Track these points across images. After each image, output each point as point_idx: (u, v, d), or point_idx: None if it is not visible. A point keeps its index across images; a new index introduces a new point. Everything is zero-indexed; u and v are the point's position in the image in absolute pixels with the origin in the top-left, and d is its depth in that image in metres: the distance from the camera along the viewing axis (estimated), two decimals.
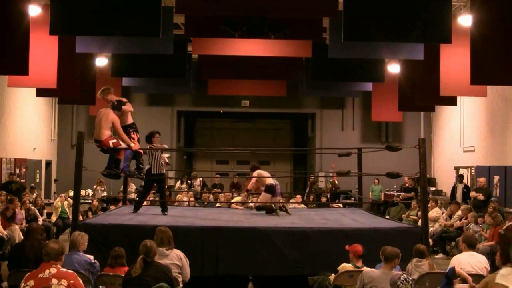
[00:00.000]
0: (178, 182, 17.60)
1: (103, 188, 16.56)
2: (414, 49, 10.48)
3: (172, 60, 12.12)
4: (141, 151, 8.87)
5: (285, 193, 17.93)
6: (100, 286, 6.24)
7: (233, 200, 12.71)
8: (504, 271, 3.51)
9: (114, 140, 8.19)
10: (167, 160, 10.25)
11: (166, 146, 10.30)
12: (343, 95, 18.52)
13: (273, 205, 9.79)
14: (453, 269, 5.78)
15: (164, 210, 9.53)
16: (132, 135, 8.65)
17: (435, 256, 11.49)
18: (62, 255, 4.88)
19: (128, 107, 8.68)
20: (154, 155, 9.21)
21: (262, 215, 9.81)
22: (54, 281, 4.65)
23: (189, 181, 17.34)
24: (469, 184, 15.06)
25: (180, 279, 6.21)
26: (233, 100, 19.53)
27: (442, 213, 13.03)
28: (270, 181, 9.98)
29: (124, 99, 8.78)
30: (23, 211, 11.77)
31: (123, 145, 8.32)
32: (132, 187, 13.72)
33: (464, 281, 5.88)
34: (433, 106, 14.85)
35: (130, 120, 8.79)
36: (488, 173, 14.27)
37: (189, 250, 6.76)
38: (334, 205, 14.36)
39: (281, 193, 11.32)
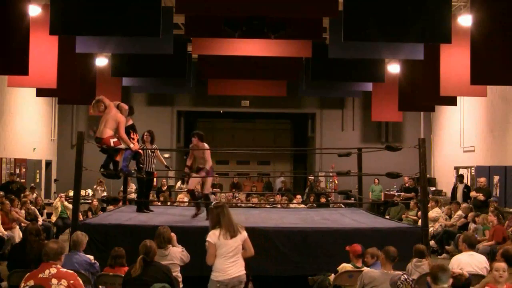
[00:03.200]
0: (179, 182, 17.60)
1: (103, 188, 16.56)
2: (414, 49, 10.48)
3: (172, 60, 12.12)
4: (140, 151, 8.87)
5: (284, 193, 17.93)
6: (100, 286, 6.24)
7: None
8: (211, 232, 5.58)
9: (115, 139, 8.17)
10: (165, 162, 10.29)
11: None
12: (343, 95, 18.52)
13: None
14: None
15: (147, 209, 9.56)
16: (132, 136, 8.68)
17: (438, 256, 11.49)
18: (61, 255, 4.88)
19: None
20: (145, 153, 9.26)
21: (261, 215, 9.81)
22: (54, 281, 4.65)
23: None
24: (469, 184, 15.06)
25: (180, 279, 6.22)
26: (233, 100, 19.52)
27: (442, 213, 13.05)
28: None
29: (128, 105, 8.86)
30: (23, 211, 11.77)
31: (123, 146, 8.31)
32: (132, 187, 13.70)
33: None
34: (433, 106, 14.85)
35: (130, 121, 8.83)
36: (488, 173, 14.27)
37: (189, 250, 6.75)
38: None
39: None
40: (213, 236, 5.56)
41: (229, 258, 5.51)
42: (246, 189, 18.83)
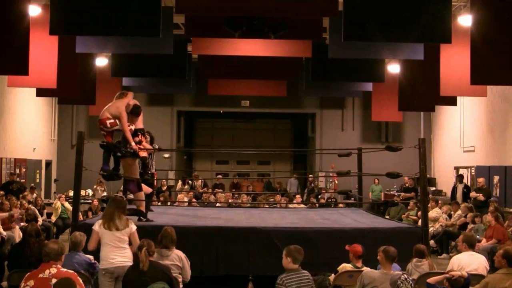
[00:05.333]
0: (180, 183, 17.60)
1: (103, 188, 16.56)
2: (414, 49, 10.47)
3: (172, 60, 12.11)
4: (145, 154, 8.67)
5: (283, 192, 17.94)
6: None
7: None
8: (97, 221, 6.22)
9: (112, 121, 7.95)
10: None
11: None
12: (343, 95, 18.52)
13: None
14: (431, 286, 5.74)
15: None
16: (140, 138, 8.46)
17: (438, 256, 11.48)
18: (62, 255, 4.88)
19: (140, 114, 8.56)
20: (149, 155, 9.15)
21: (261, 215, 9.81)
22: (54, 281, 4.65)
23: (190, 182, 17.35)
24: (469, 184, 15.06)
25: (180, 279, 6.22)
26: (233, 100, 19.52)
27: (442, 213, 13.04)
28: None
29: (138, 104, 8.57)
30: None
31: (118, 127, 8.05)
32: None
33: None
34: (433, 106, 14.84)
35: (141, 125, 8.61)
36: (488, 173, 14.27)
37: (189, 250, 6.76)
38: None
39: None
40: (97, 225, 6.16)
41: (114, 247, 5.97)
42: (243, 189, 18.82)
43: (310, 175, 18.97)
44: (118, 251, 5.97)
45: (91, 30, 8.55)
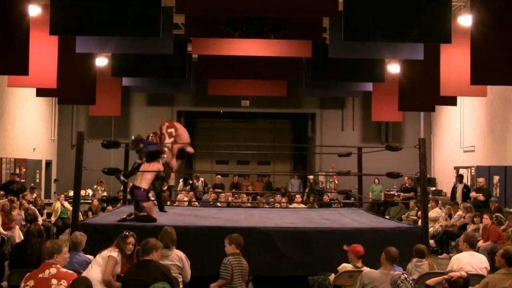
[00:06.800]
0: (181, 183, 17.58)
1: (103, 188, 16.56)
2: (414, 49, 10.47)
3: (172, 60, 12.10)
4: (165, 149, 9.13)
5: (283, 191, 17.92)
6: None
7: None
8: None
9: (171, 130, 8.94)
10: None
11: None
12: (343, 95, 18.51)
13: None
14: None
15: (161, 209, 9.61)
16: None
17: (438, 256, 11.48)
18: (56, 254, 4.84)
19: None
20: None
21: (261, 215, 9.81)
22: (54, 281, 4.65)
23: (190, 181, 17.34)
24: (469, 184, 15.06)
25: (180, 279, 6.22)
26: (233, 100, 19.52)
27: (442, 213, 13.05)
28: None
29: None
30: (22, 212, 11.77)
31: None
32: None
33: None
34: (433, 106, 14.84)
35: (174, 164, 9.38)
36: (488, 173, 14.27)
37: (189, 250, 6.76)
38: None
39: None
40: None
41: None
42: (243, 189, 18.81)
43: (311, 175, 18.94)
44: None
45: (91, 30, 8.54)
